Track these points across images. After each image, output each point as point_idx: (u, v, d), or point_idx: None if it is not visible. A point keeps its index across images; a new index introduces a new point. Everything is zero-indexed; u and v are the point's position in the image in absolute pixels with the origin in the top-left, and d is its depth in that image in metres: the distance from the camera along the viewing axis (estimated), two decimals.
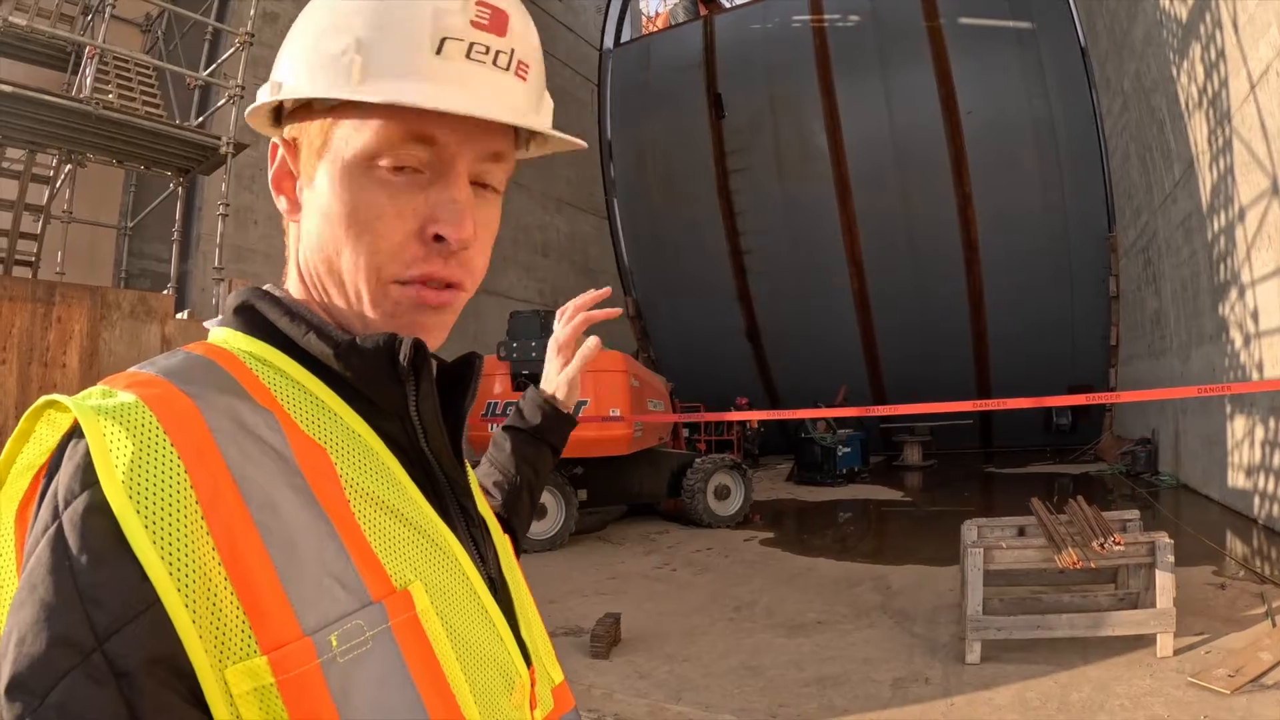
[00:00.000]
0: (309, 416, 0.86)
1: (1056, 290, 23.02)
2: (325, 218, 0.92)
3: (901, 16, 24.05)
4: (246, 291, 0.97)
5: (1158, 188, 16.15)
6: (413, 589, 0.83)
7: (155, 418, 0.74)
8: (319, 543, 0.77)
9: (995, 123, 23.23)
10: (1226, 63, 11.04)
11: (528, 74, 0.94)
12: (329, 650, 0.73)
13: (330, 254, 0.92)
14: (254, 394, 0.84)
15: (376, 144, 0.88)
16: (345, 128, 0.89)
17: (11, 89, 9.17)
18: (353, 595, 0.77)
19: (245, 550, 0.72)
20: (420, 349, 0.91)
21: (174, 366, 0.83)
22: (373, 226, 0.90)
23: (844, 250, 25.33)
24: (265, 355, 0.90)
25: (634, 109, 28.68)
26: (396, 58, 0.87)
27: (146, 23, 14.50)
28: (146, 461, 0.71)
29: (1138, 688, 5.72)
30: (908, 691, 6.09)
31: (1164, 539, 6.40)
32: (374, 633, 0.77)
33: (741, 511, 14.06)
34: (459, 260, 0.93)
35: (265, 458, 0.78)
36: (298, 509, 0.77)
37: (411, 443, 0.94)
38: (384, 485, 0.87)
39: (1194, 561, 8.86)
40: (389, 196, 0.89)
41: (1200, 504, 13.12)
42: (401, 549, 0.85)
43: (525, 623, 1.03)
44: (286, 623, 0.72)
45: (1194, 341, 14.02)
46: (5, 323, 7.76)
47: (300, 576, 0.74)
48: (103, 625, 0.67)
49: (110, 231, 14.14)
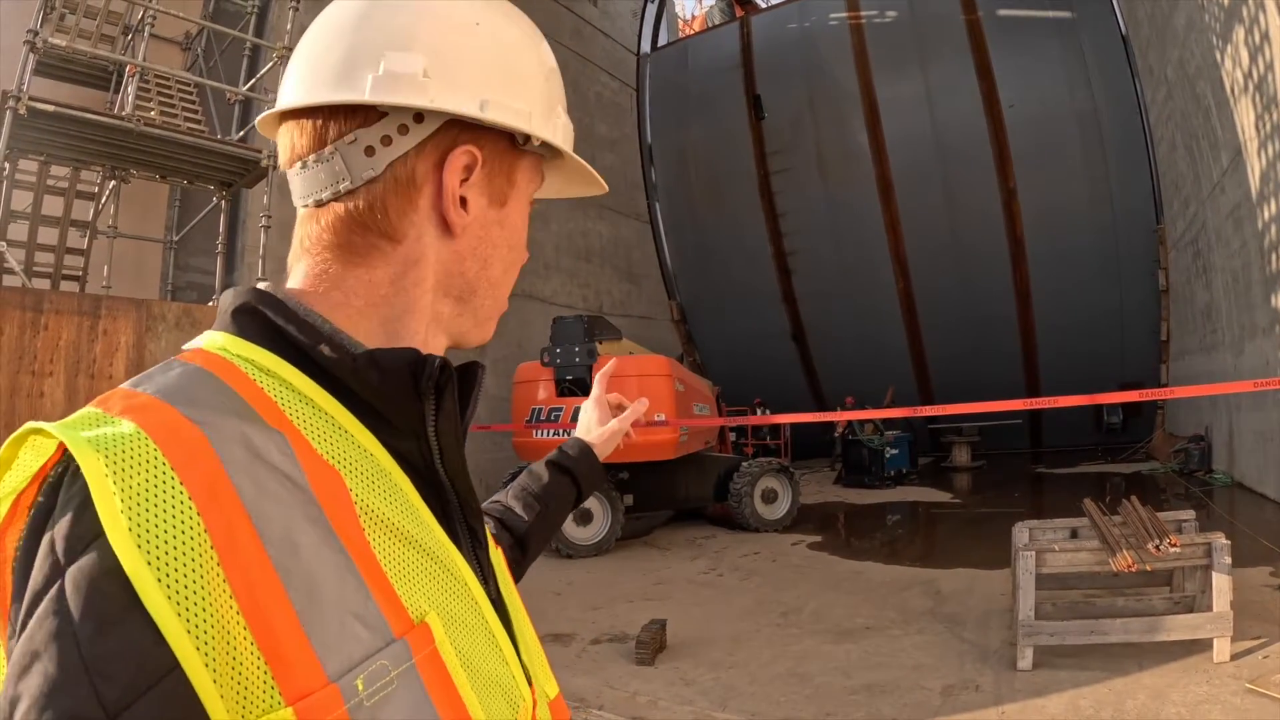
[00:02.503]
0: (321, 435, 0.82)
1: (1105, 285, 22.66)
2: (507, 240, 1.01)
3: (939, 10, 23.84)
4: (246, 292, 0.91)
5: (1205, 177, 15.88)
6: (430, 620, 0.81)
7: (160, 452, 0.69)
8: (339, 579, 0.74)
9: (1037, 115, 22.91)
10: (1271, 46, 10.84)
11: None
12: (355, 695, 0.71)
13: (495, 272, 1.01)
14: (262, 412, 0.79)
15: (533, 183, 1.04)
16: (527, 168, 1.02)
17: (54, 108, 9.37)
18: (375, 634, 0.75)
19: (264, 596, 0.69)
20: (446, 369, 0.90)
21: (174, 385, 0.78)
22: (522, 252, 1.05)
23: (888, 249, 25.15)
24: (269, 365, 0.85)
25: (673, 112, 28.65)
26: (553, 110, 1.02)
27: (186, 41, 14.73)
28: (155, 506, 0.66)
29: (1194, 694, 5.61)
30: (958, 699, 6.01)
31: (1221, 540, 6.27)
32: (399, 671, 0.75)
33: (789, 515, 13.98)
34: None
35: (280, 488, 0.74)
36: (316, 545, 0.74)
37: (426, 463, 0.91)
38: (395, 508, 0.84)
39: (1250, 562, 8.64)
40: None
41: (1256, 502, 12.88)
42: (417, 578, 0.83)
43: (524, 641, 1.00)
44: (311, 670, 0.69)
45: (1246, 335, 13.76)
46: (53, 335, 7.93)
47: (322, 619, 0.71)
48: (113, 701, 0.62)
49: (156, 246, 14.34)
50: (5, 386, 7.71)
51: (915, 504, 16.77)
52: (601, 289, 25.00)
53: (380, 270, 0.93)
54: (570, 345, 12.70)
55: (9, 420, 7.67)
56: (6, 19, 12.72)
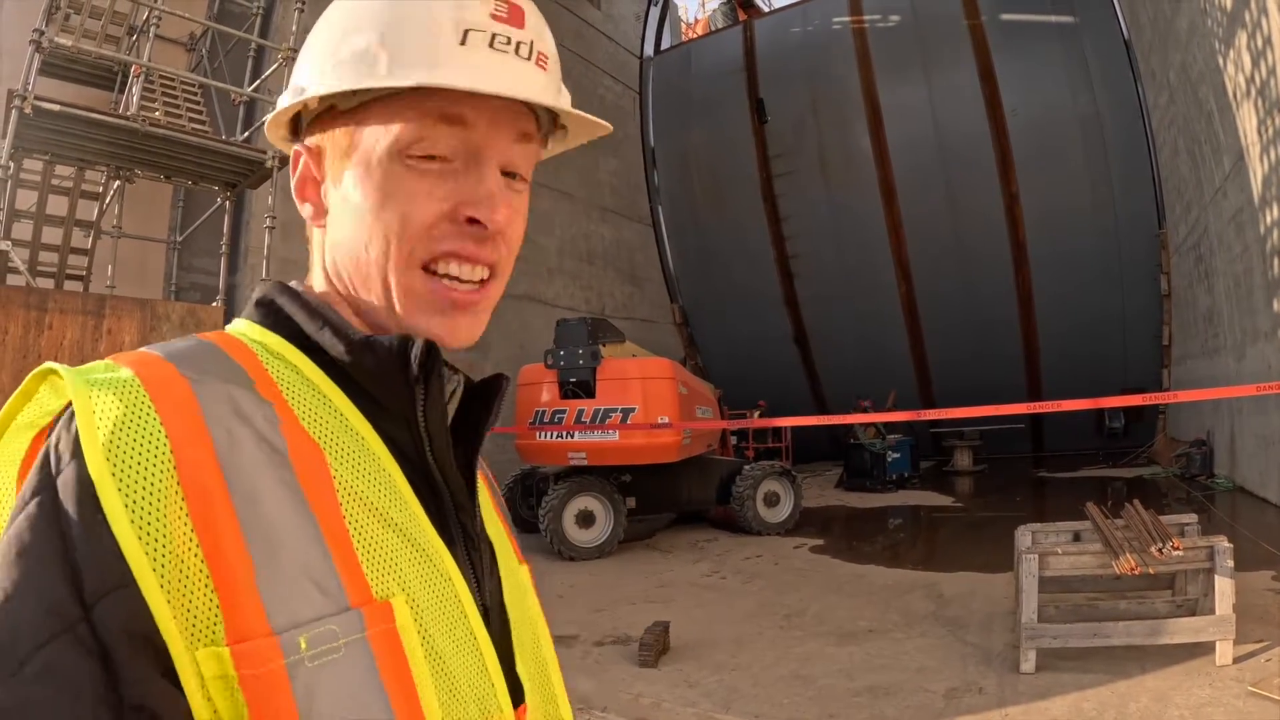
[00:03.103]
0: (311, 414, 0.86)
1: (1107, 289, 22.66)
2: (355, 213, 0.93)
3: (942, 15, 23.86)
4: (269, 286, 0.98)
5: (1208, 182, 15.88)
6: (394, 601, 0.81)
7: (148, 395, 0.74)
8: (301, 542, 0.76)
9: (1040, 120, 22.93)
10: (1274, 50, 10.85)
11: (547, 65, 0.96)
12: (296, 652, 0.72)
13: (359, 250, 0.93)
14: (258, 385, 0.84)
15: (407, 132, 0.90)
16: (373, 124, 0.92)
17: (60, 107, 9.39)
18: (329, 599, 0.76)
19: (224, 538, 0.72)
20: (433, 351, 0.91)
21: (181, 349, 0.84)
22: (404, 210, 0.91)
23: (890, 253, 25.15)
24: (278, 349, 0.91)
25: (676, 116, 28.70)
26: (422, 49, 0.89)
27: (190, 41, 14.77)
28: (131, 436, 0.72)
29: (1197, 697, 5.62)
30: (961, 701, 6.02)
31: (1223, 543, 6.29)
32: (347, 640, 0.76)
33: (791, 519, 14.00)
34: (494, 243, 0.95)
35: (257, 449, 0.78)
36: (282, 504, 0.77)
37: (417, 451, 0.93)
38: (380, 492, 0.86)
39: (1252, 566, 8.63)
40: (420, 179, 0.91)
41: (1258, 507, 12.88)
42: (389, 559, 0.83)
43: (525, 658, 1.00)
44: (256, 617, 0.72)
45: (1248, 339, 13.76)
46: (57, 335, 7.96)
47: (276, 573, 0.74)
48: (89, 594, 0.68)
49: (160, 246, 14.38)
50: (8, 385, 7.70)
51: (917, 508, 16.76)
52: (604, 291, 25.02)
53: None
54: (574, 348, 12.71)
55: None
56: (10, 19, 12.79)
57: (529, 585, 1.14)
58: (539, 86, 0.94)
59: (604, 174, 25.92)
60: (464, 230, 0.92)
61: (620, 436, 12.14)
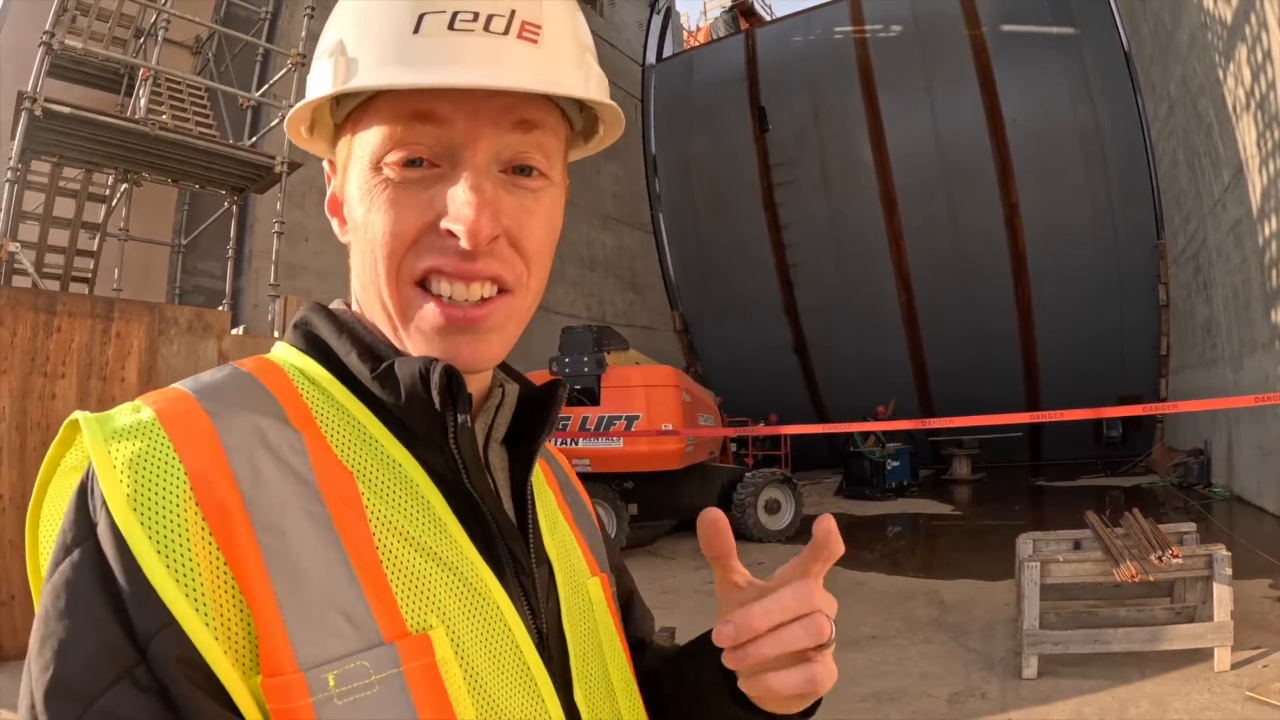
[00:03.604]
0: (345, 441, 0.82)
1: (1106, 299, 22.79)
2: (355, 228, 0.88)
3: (943, 25, 24.06)
4: (307, 307, 0.95)
5: (1206, 193, 15.99)
6: (433, 634, 0.77)
7: (166, 435, 0.73)
8: (328, 573, 0.73)
9: (1040, 131, 23.09)
10: (1273, 64, 10.95)
11: (538, 36, 0.84)
12: (324, 690, 0.69)
13: (360, 268, 0.89)
14: (290, 413, 0.81)
15: (380, 139, 0.83)
16: (360, 131, 0.86)
17: (69, 110, 9.45)
18: (360, 633, 0.73)
19: (249, 570, 0.70)
20: (454, 377, 0.84)
21: (209, 383, 0.82)
22: (386, 225, 0.84)
23: (890, 262, 25.30)
24: (313, 373, 0.88)
25: (678, 124, 28.79)
26: (374, 46, 0.81)
27: (196, 44, 14.81)
28: (150, 479, 0.70)
29: (1195, 702, 5.70)
30: (964, 706, 6.10)
31: (1221, 551, 6.37)
32: (380, 676, 0.72)
33: (792, 526, 14.07)
34: (495, 255, 0.85)
35: (283, 480, 0.75)
36: (309, 536, 0.74)
37: (455, 477, 0.87)
38: (417, 521, 0.82)
39: (1250, 575, 8.71)
40: (401, 191, 0.83)
41: (1255, 516, 12.96)
42: (427, 590, 0.79)
43: (584, 684, 0.93)
44: (284, 652, 0.69)
45: (1246, 350, 13.85)
46: (65, 338, 7.98)
47: (302, 607, 0.71)
48: (141, 637, 0.67)
49: (162, 248, 14.48)
50: (18, 387, 7.73)
51: (916, 516, 16.84)
52: (605, 299, 25.11)
53: None
54: (579, 355, 12.79)
55: (20, 421, 7.71)
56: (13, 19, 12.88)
57: (598, 600, 1.04)
58: (525, 66, 0.83)
59: (606, 181, 26.04)
60: (447, 244, 0.83)
61: (624, 443, 12.24)
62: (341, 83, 0.82)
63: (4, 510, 7.58)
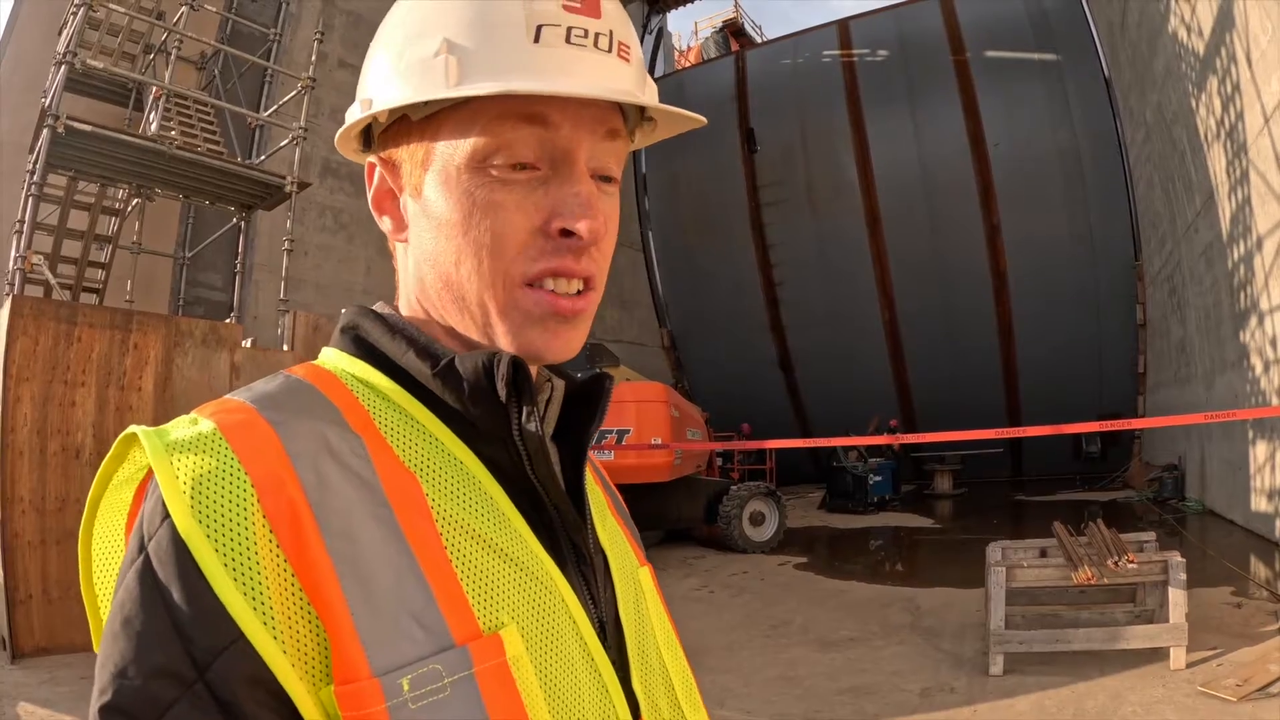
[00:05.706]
0: (405, 442, 0.83)
1: (1085, 319, 23.15)
2: (440, 229, 0.87)
3: (928, 51, 24.40)
4: (353, 312, 0.95)
5: (1180, 217, 16.30)
6: (504, 633, 0.77)
7: (229, 445, 0.73)
8: (398, 578, 0.74)
9: (1022, 154, 23.46)
10: (1242, 96, 11.27)
11: (629, 55, 0.88)
12: (399, 694, 0.70)
13: (448, 268, 0.87)
14: (349, 418, 0.82)
15: (487, 142, 0.84)
16: (449, 133, 0.86)
17: (90, 128, 9.76)
18: (432, 637, 0.73)
19: (320, 579, 0.71)
20: (520, 368, 0.85)
21: (267, 392, 0.82)
22: (494, 227, 0.84)
23: (874, 281, 25.58)
24: (367, 377, 0.88)
25: (668, 143, 27.49)
26: (493, 51, 0.82)
27: (201, 60, 15.00)
28: (216, 490, 0.71)
29: (1149, 696, 6.10)
30: (934, 699, 6.51)
31: (1176, 558, 6.76)
32: (453, 679, 0.73)
33: (776, 537, 14.41)
34: (590, 255, 0.88)
35: (348, 486, 0.76)
36: (378, 541, 0.74)
37: (517, 470, 0.88)
38: (482, 517, 0.83)
39: (1214, 583, 9.10)
40: (508, 193, 0.84)
41: (1225, 528, 13.30)
42: (497, 588, 0.80)
43: (642, 671, 0.95)
44: (357, 659, 0.70)
45: (1217, 369, 14.18)
46: (85, 348, 8.29)
47: (374, 613, 0.71)
48: (201, 655, 0.68)
49: (164, 260, 14.70)
50: (39, 395, 8.03)
51: (897, 529, 17.15)
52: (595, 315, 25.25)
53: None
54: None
55: (41, 427, 8.02)
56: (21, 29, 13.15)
57: (649, 589, 1.08)
58: (624, 81, 0.87)
59: None
60: (559, 244, 0.85)
61: (615, 456, 12.58)
62: (455, 83, 0.82)
63: (24, 513, 7.86)
